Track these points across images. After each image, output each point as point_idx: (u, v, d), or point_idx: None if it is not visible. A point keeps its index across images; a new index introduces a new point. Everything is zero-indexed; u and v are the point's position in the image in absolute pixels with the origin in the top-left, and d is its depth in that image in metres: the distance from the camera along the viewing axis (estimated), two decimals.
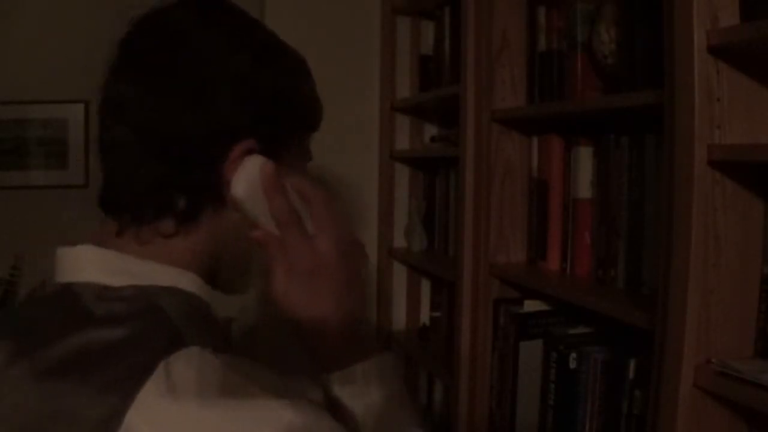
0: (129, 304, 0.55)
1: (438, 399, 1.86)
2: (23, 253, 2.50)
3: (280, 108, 0.64)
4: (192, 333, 0.54)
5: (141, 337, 0.52)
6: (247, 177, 0.60)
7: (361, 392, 0.63)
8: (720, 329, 0.84)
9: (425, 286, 1.93)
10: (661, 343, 0.87)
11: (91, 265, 0.59)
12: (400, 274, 1.93)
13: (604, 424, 1.10)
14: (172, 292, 0.59)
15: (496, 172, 1.38)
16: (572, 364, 1.17)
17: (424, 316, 1.92)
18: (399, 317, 1.94)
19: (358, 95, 1.87)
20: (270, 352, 0.70)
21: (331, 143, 1.68)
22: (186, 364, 0.50)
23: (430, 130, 1.91)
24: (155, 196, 0.60)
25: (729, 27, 0.81)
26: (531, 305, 1.31)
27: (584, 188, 1.24)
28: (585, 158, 1.24)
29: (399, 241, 1.90)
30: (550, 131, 1.33)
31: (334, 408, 0.62)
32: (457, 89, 1.44)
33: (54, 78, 2.56)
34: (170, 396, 0.48)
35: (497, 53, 1.37)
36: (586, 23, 1.20)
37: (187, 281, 0.61)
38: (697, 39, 0.81)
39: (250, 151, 0.61)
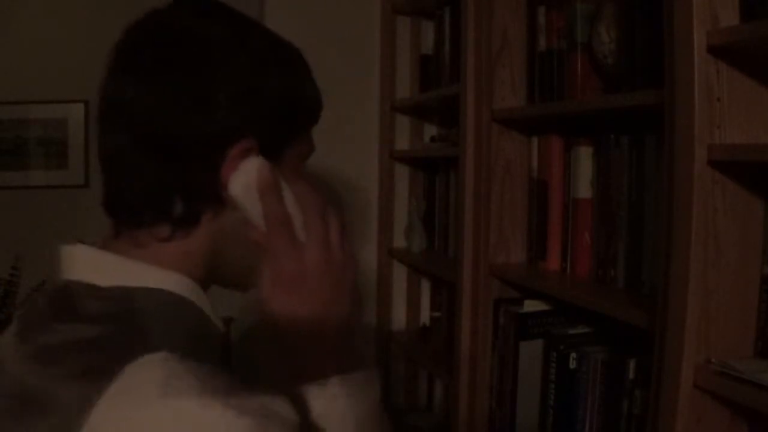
0: (110, 305, 0.56)
1: (438, 399, 1.86)
2: (23, 253, 2.50)
3: (281, 107, 0.63)
4: (166, 336, 0.54)
5: (111, 337, 0.53)
6: (245, 178, 0.60)
7: (332, 407, 0.60)
8: (720, 329, 0.85)
9: (425, 286, 1.93)
10: (661, 343, 0.87)
11: (83, 264, 0.60)
12: (400, 274, 1.93)
13: (604, 424, 1.10)
14: (157, 294, 0.59)
15: (496, 172, 1.38)
16: (572, 364, 1.17)
17: (424, 316, 1.92)
18: (399, 317, 1.94)
19: (358, 95, 1.87)
20: (269, 352, 0.69)
21: (331, 143, 1.69)
22: (149, 369, 0.50)
23: (430, 130, 1.91)
24: (153, 201, 0.60)
25: (729, 27, 0.81)
26: (531, 305, 1.31)
27: (584, 188, 1.24)
28: (585, 158, 1.24)
29: (399, 241, 1.90)
30: (550, 131, 1.33)
31: (307, 423, 0.59)
32: (457, 89, 1.44)
33: (54, 78, 2.57)
34: (131, 400, 0.49)
35: (497, 53, 1.37)
36: (586, 23, 1.20)
37: (176, 284, 0.61)
38: (697, 39, 0.81)
39: (249, 151, 0.60)
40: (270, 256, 0.60)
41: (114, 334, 0.53)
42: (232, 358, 0.66)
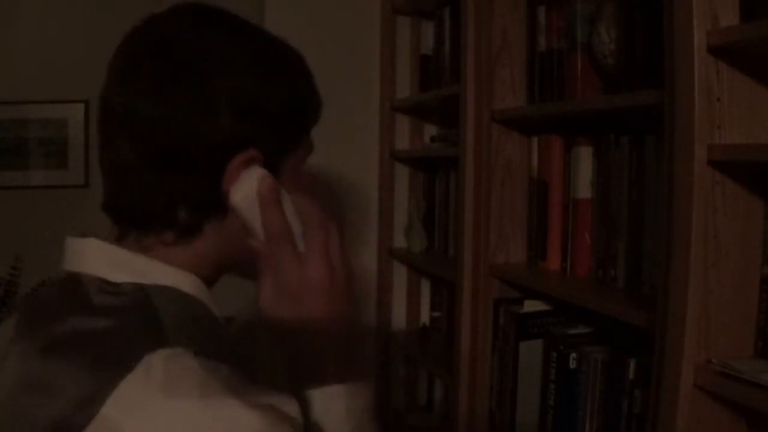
0: (125, 300, 0.57)
1: (438, 399, 1.86)
2: (23, 253, 2.50)
3: (283, 117, 0.63)
4: (180, 333, 0.55)
5: (127, 330, 0.54)
6: (246, 188, 0.61)
7: (325, 414, 0.62)
8: (720, 329, 0.84)
9: (425, 286, 1.93)
10: (661, 343, 0.87)
11: (96, 258, 0.61)
12: (400, 274, 1.93)
13: (604, 424, 1.10)
14: (170, 292, 0.60)
15: (496, 172, 1.38)
16: (572, 364, 1.17)
17: (424, 316, 1.92)
18: (399, 317, 1.94)
19: (358, 95, 1.87)
20: (266, 352, 0.70)
21: (332, 143, 1.69)
22: (166, 363, 0.51)
23: (430, 130, 1.91)
24: (158, 209, 0.61)
25: (729, 27, 0.81)
26: (531, 305, 1.32)
27: (584, 188, 1.24)
28: (585, 158, 1.24)
29: (399, 241, 1.90)
30: (550, 131, 1.33)
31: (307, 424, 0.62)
32: (457, 89, 1.44)
33: (54, 78, 2.57)
34: (147, 391, 0.50)
35: (497, 53, 1.37)
36: (586, 23, 1.20)
37: (186, 283, 0.62)
38: (697, 39, 0.81)
39: (251, 162, 0.61)
40: (270, 266, 0.61)
41: (129, 327, 0.54)
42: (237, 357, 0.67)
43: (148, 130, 0.59)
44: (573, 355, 1.17)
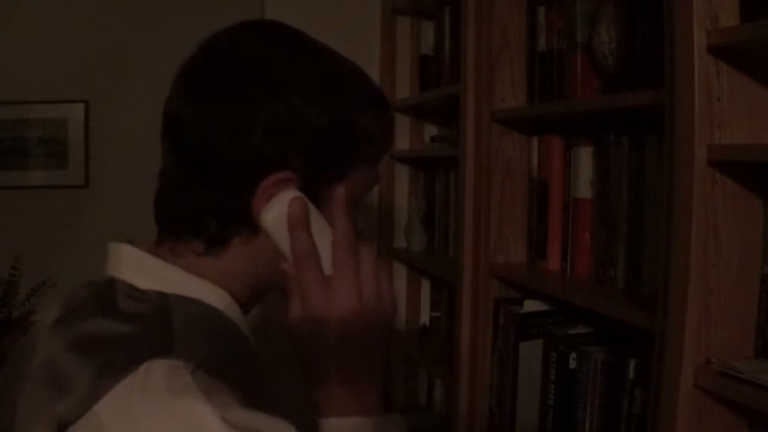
0: (146, 306, 0.58)
1: (438, 399, 1.86)
2: (23, 253, 2.50)
3: (326, 141, 0.62)
4: (188, 346, 0.55)
5: (139, 337, 0.55)
6: (276, 210, 0.61)
7: None
8: (720, 329, 0.84)
9: (425, 286, 1.93)
10: (661, 343, 0.87)
11: (127, 264, 0.62)
12: (400, 274, 1.93)
13: (604, 424, 1.10)
14: (192, 304, 0.60)
15: (496, 172, 1.38)
16: (572, 364, 1.17)
17: (424, 316, 1.92)
18: (399, 317, 1.94)
19: None
20: (278, 354, 0.69)
21: None
22: (162, 373, 0.52)
23: (430, 130, 1.91)
24: (189, 217, 0.62)
25: (729, 27, 0.81)
26: (531, 305, 1.31)
27: (584, 188, 1.24)
28: (585, 158, 1.24)
29: (399, 241, 1.90)
30: (550, 131, 1.33)
31: None
32: (457, 89, 1.44)
33: (54, 78, 2.56)
34: (136, 397, 0.50)
35: (497, 53, 1.37)
36: (586, 23, 1.20)
37: (212, 296, 0.62)
38: (697, 39, 0.80)
39: (286, 183, 0.61)
40: (297, 288, 0.61)
41: (141, 335, 0.55)
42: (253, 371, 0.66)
43: (187, 140, 0.61)
44: (573, 355, 1.17)
